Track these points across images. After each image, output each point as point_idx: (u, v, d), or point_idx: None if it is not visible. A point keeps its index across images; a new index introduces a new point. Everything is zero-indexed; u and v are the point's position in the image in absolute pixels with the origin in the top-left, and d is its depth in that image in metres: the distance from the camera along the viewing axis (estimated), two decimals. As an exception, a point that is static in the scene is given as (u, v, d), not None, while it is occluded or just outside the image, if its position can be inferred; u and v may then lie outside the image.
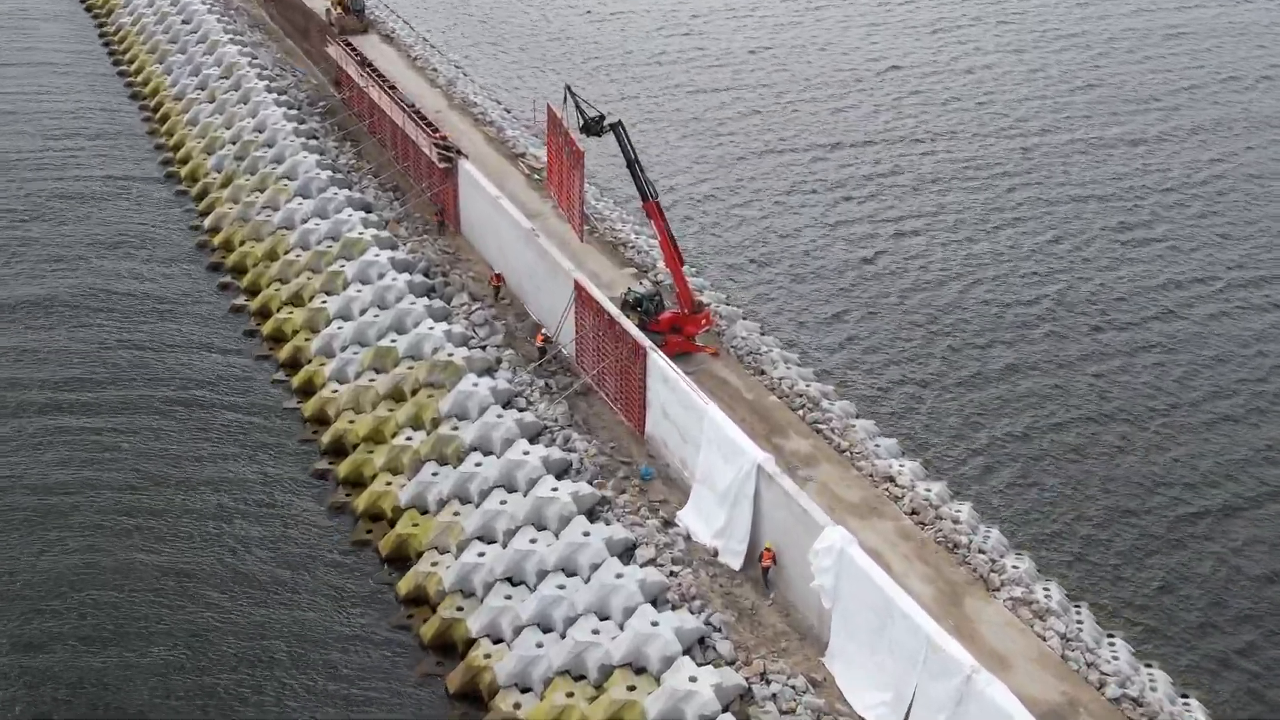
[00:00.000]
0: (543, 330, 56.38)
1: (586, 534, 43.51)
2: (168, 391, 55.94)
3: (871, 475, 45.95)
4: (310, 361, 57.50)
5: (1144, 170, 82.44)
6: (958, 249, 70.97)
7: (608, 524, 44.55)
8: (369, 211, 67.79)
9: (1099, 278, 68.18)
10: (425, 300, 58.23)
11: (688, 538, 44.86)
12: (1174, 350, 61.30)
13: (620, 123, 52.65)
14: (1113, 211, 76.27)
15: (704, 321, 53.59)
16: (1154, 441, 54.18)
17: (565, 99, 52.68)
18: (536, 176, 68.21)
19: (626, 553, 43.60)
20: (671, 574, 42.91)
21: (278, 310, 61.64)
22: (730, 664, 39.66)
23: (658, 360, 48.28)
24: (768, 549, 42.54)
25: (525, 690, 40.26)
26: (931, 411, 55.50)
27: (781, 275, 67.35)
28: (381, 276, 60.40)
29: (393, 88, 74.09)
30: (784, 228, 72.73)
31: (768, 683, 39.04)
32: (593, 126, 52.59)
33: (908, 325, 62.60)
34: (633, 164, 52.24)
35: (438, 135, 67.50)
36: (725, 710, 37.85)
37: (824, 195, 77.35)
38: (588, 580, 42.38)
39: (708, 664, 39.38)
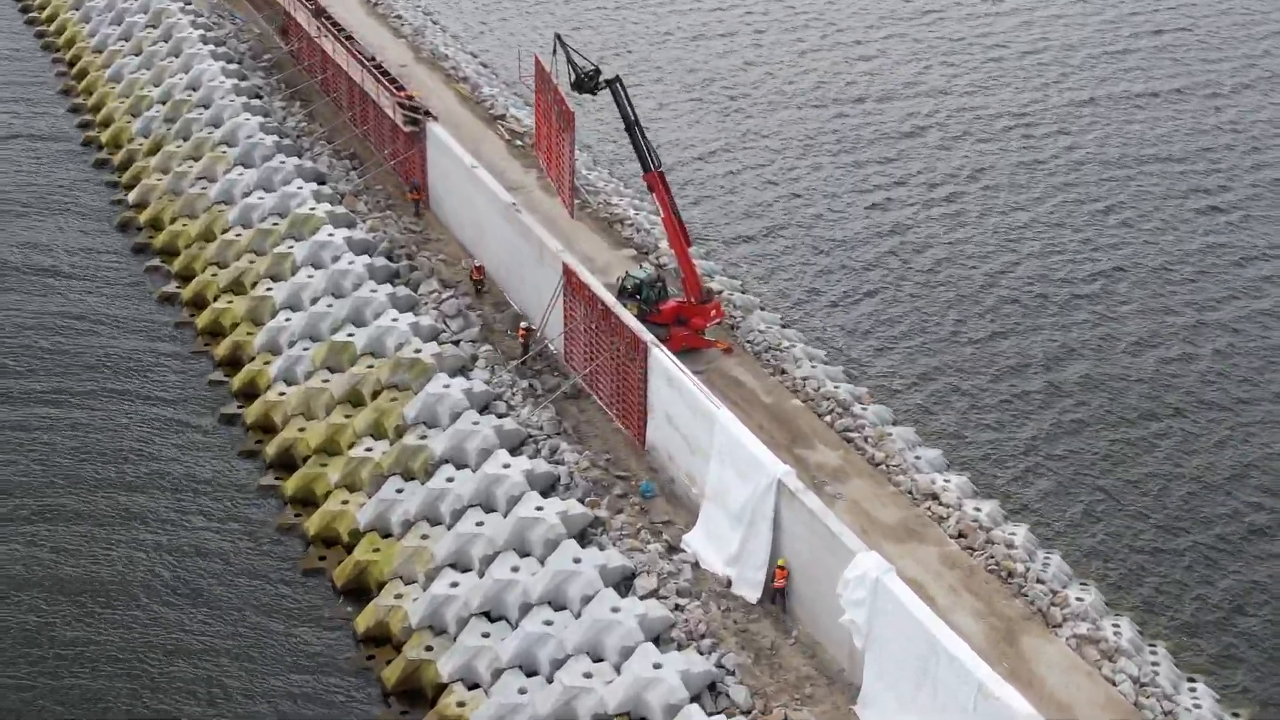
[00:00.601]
0: (525, 323, 56.18)
1: (577, 561, 43.31)
2: (79, 396, 55.61)
3: (911, 492, 45.84)
4: (253, 359, 57.26)
5: (1217, 128, 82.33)
6: (1003, 220, 70.98)
7: (602, 549, 44.37)
8: (322, 183, 67.54)
9: (1164, 253, 68.07)
10: (388, 287, 58.04)
11: (696, 565, 44.71)
12: (1252, 336, 61.23)
13: (619, 78, 52.43)
14: (1180, 175, 76.20)
15: (714, 312, 53.42)
16: (1233, 442, 54.08)
17: (555, 50, 52.47)
18: (518, 142, 68.05)
19: (624, 583, 43.42)
20: (677, 608, 42.73)
21: (215, 299, 61.39)
22: (746, 714, 39.45)
23: (660, 357, 48.11)
24: (781, 567, 42.50)
25: (506, 744, 40.14)
26: (980, 417, 55.32)
27: (804, 257, 67.18)
28: (336, 259, 60.16)
29: (349, 38, 73.84)
30: (805, 200, 72.58)
31: (790, 735, 38.88)
32: (586, 83, 52.40)
33: (950, 314, 62.46)
34: (632, 127, 52.03)
35: (403, 94, 67.30)
36: (741, 768, 37.83)
37: (850, 157, 77.27)
38: (579, 615, 42.19)
39: (719, 713, 39.20)
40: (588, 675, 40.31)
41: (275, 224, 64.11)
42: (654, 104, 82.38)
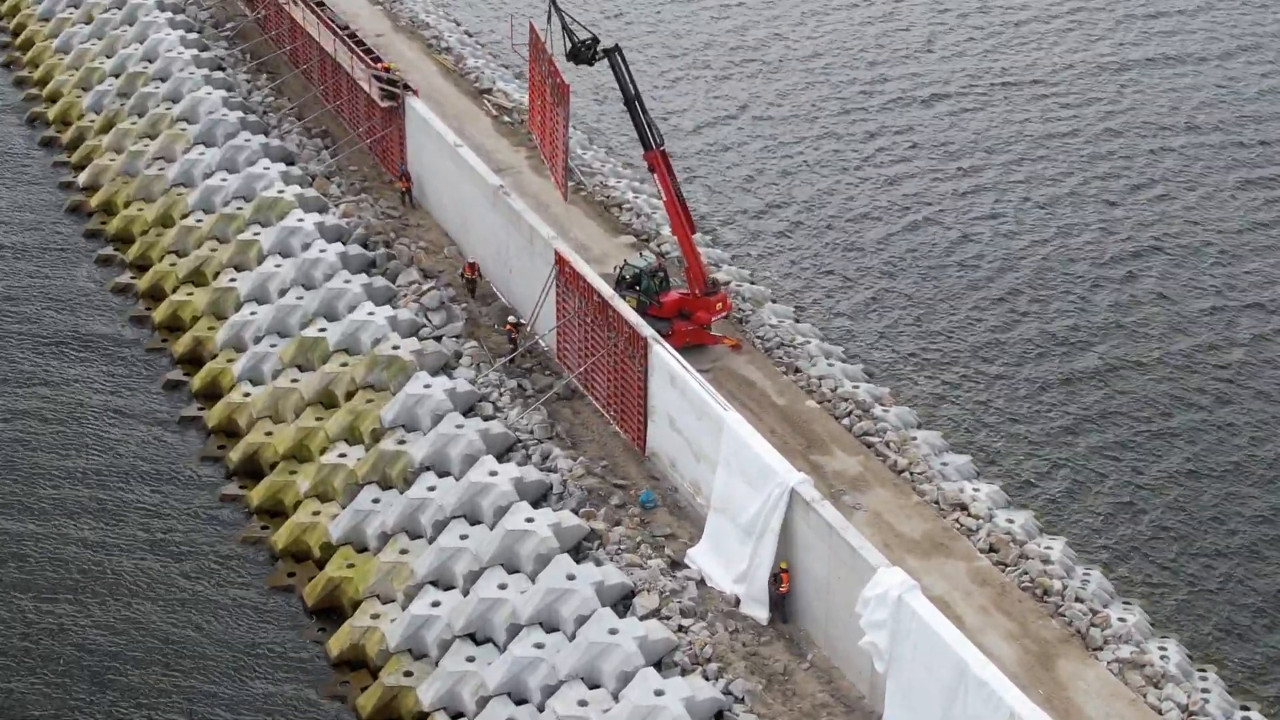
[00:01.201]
0: (514, 317, 56.25)
1: (571, 578, 43.40)
2: (27, 395, 55.68)
3: (938, 502, 45.92)
4: (215, 357, 57.39)
5: (1260, 94, 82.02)
6: (1042, 200, 70.98)
7: (598, 565, 44.46)
8: (290, 164, 67.67)
9: (1201, 232, 68.05)
10: (363, 278, 58.11)
11: (701, 583, 44.78)
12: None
13: (618, 48, 52.53)
14: (1219, 147, 76.04)
15: (720, 305, 53.50)
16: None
17: (549, 16, 52.58)
18: (506, 119, 68.18)
19: (622, 602, 43.51)
20: (680, 629, 42.81)
21: (173, 291, 61.51)
22: (756, 745, 39.65)
23: (662, 355, 48.20)
24: (784, 570, 42.58)
25: (493, 779, 40.33)
26: (1014, 420, 55.39)
27: (817, 240, 67.28)
28: (307, 247, 60.29)
29: (321, 4, 73.90)
30: (821, 180, 72.64)
31: (804, 769, 39.08)
32: (583, 52, 52.50)
33: (981, 305, 62.55)
34: (632, 101, 52.15)
35: (380, 65, 67.39)
36: (750, 804, 37.95)
37: (862, 127, 77.22)
38: (573, 637, 42.27)
39: (727, 745, 39.36)
40: (583, 703, 40.32)
41: (239, 208, 64.17)
42: (653, 70, 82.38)
